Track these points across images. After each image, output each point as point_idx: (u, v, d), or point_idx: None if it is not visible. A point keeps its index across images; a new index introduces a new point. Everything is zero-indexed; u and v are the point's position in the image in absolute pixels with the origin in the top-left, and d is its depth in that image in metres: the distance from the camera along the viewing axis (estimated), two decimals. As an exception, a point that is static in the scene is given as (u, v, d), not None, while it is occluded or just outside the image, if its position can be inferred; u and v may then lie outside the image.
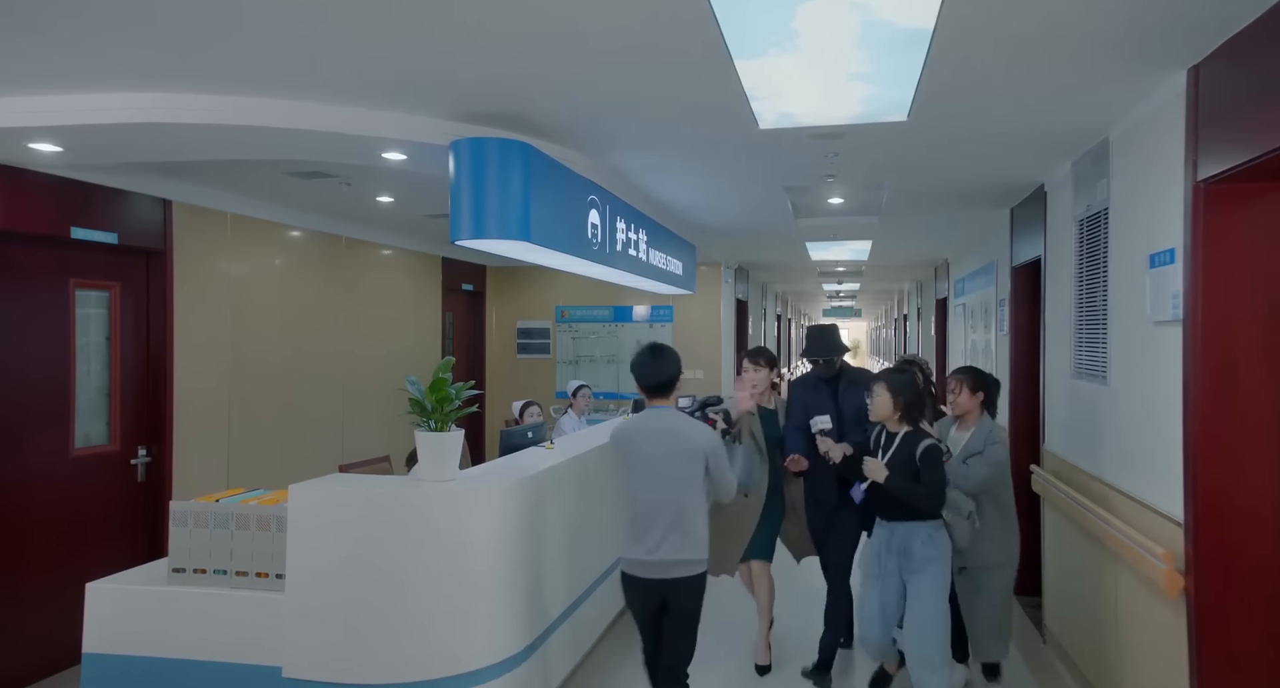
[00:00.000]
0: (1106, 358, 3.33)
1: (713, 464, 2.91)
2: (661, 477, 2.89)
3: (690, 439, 2.90)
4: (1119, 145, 3.24)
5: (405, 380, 2.93)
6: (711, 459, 2.91)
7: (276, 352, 5.21)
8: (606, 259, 4.21)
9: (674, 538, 2.85)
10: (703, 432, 2.94)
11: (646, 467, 2.91)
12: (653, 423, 2.96)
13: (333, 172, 4.18)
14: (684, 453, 2.89)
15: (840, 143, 3.56)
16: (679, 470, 2.88)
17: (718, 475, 2.93)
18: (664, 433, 2.92)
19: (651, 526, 2.86)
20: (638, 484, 2.93)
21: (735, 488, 3.00)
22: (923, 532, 3.19)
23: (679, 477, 2.88)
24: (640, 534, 2.88)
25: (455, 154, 3.10)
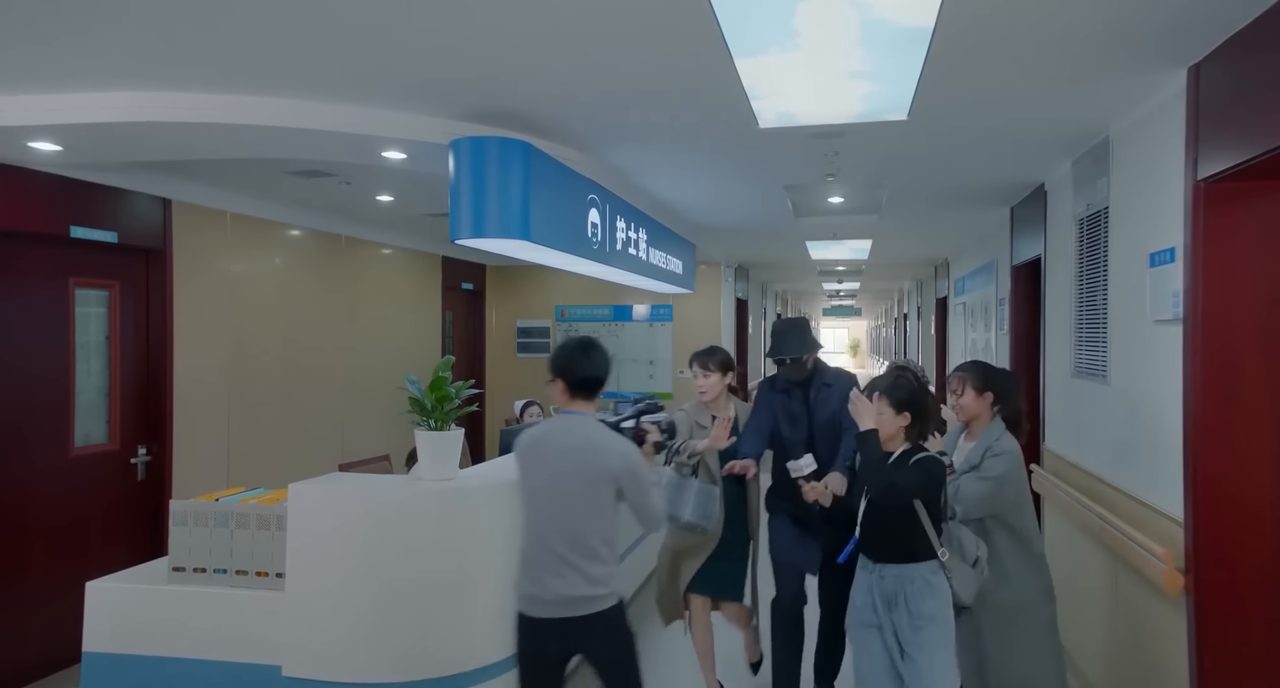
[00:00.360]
0: (1107, 357, 3.33)
1: (628, 490, 2.41)
2: (557, 502, 2.40)
3: (599, 458, 2.38)
4: (1119, 144, 3.24)
5: (405, 379, 2.93)
6: (626, 483, 2.40)
7: (276, 350, 5.21)
8: (606, 258, 4.21)
9: (571, 573, 2.37)
10: (617, 450, 2.41)
11: (541, 488, 2.44)
12: (560, 435, 2.48)
13: (332, 171, 4.17)
14: (590, 475, 2.37)
15: (840, 142, 3.56)
16: (580, 496, 2.38)
17: (636, 503, 2.43)
18: (569, 450, 2.42)
19: (546, 559, 2.39)
20: (529, 509, 2.47)
21: (662, 517, 2.54)
22: (917, 578, 2.54)
23: (580, 503, 2.38)
24: (531, 568, 2.43)
25: (455, 153, 3.10)
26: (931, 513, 2.57)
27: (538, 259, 3.83)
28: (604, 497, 2.40)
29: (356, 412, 5.97)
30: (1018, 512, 2.86)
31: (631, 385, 8.17)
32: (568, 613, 2.37)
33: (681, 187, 4.73)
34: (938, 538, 2.58)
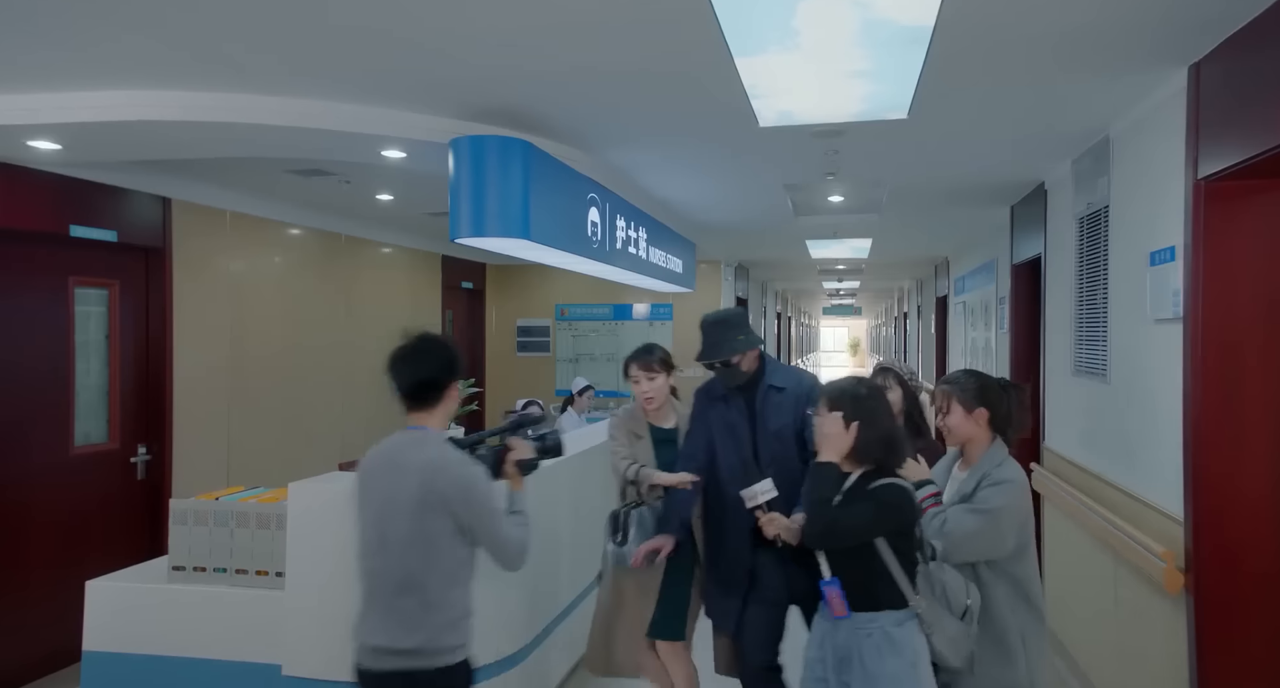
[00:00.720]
0: (1107, 355, 3.33)
1: (466, 520, 2.00)
2: (384, 534, 2.02)
3: (429, 482, 1.98)
4: (1119, 143, 3.24)
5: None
6: (461, 512, 1.99)
7: (276, 349, 5.21)
8: (606, 257, 4.20)
9: (393, 621, 1.99)
10: (449, 472, 2.00)
11: (369, 519, 2.07)
12: (392, 456, 2.08)
13: (332, 170, 4.17)
14: (418, 503, 1.98)
15: (840, 141, 3.56)
16: (409, 528, 1.99)
17: (479, 536, 2.03)
18: (399, 473, 2.02)
19: (376, 604, 2.04)
20: (360, 544, 2.10)
21: (517, 554, 2.10)
22: (877, 631, 2.07)
23: (408, 537, 1.99)
24: (364, 613, 2.07)
25: (455, 152, 3.10)
26: (899, 550, 2.10)
27: (538, 258, 3.83)
28: (437, 529, 1.99)
29: (356, 410, 5.97)
30: (1021, 559, 2.24)
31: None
32: (396, 666, 1.98)
33: (681, 185, 4.73)
34: (910, 582, 2.10)
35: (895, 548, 2.11)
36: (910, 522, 2.15)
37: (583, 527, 3.78)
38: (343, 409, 5.86)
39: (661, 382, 2.96)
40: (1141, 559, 2.77)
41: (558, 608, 3.43)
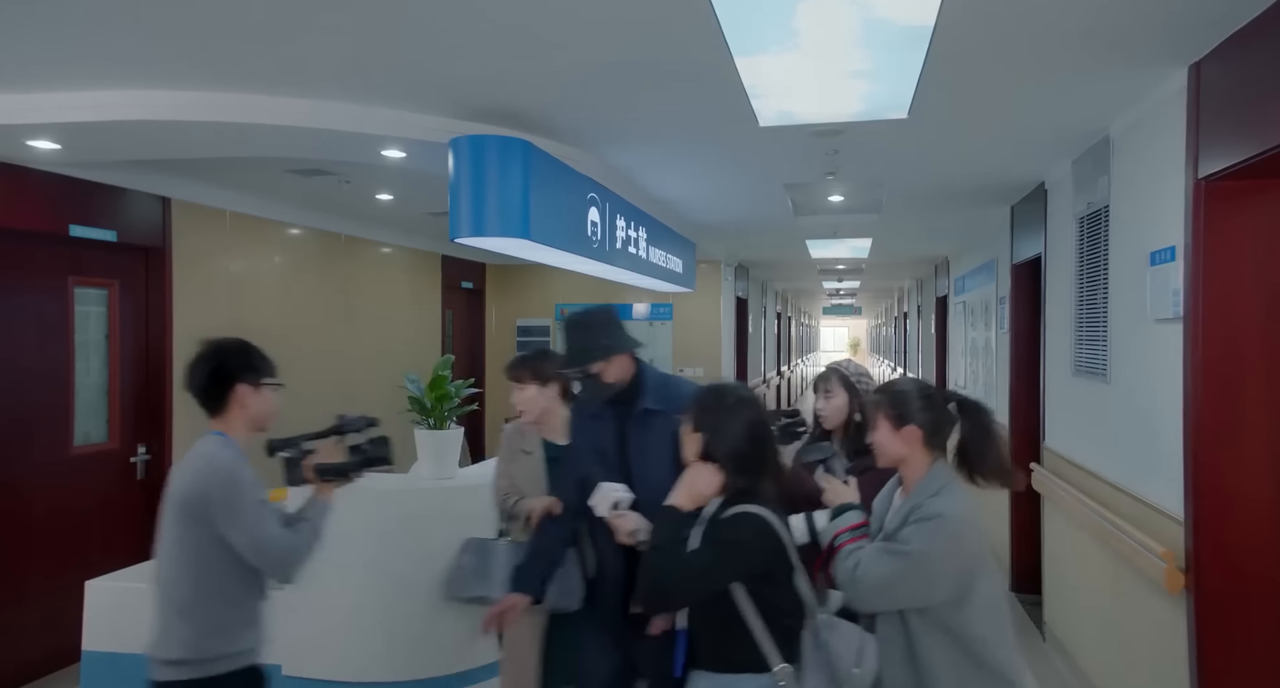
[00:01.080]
0: (1107, 355, 3.33)
1: (219, 524, 1.92)
2: (160, 543, 2.04)
3: (186, 489, 1.97)
4: (1120, 143, 3.24)
5: (405, 378, 2.93)
6: (217, 516, 1.92)
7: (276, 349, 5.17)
8: (606, 257, 4.20)
9: (159, 628, 2.00)
10: (194, 472, 1.98)
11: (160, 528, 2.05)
12: (179, 462, 2.09)
13: (332, 169, 4.17)
14: (179, 509, 1.97)
15: (840, 140, 3.56)
16: (170, 535, 2.00)
17: (238, 539, 1.93)
18: (173, 478, 2.03)
19: (155, 611, 2.03)
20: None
21: (288, 563, 2.01)
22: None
23: (165, 543, 2.01)
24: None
25: (454, 152, 3.09)
26: (763, 599, 1.75)
27: (538, 258, 3.82)
28: (186, 535, 1.96)
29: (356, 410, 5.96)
30: (960, 608, 1.80)
31: (631, 384, 8.16)
32: (168, 677, 1.96)
33: (681, 185, 4.73)
34: (776, 641, 1.75)
35: (758, 597, 1.73)
36: (766, 562, 1.76)
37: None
38: (343, 409, 5.83)
39: (533, 393, 2.61)
40: (1141, 559, 2.77)
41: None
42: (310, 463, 2.17)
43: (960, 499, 1.86)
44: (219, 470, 1.95)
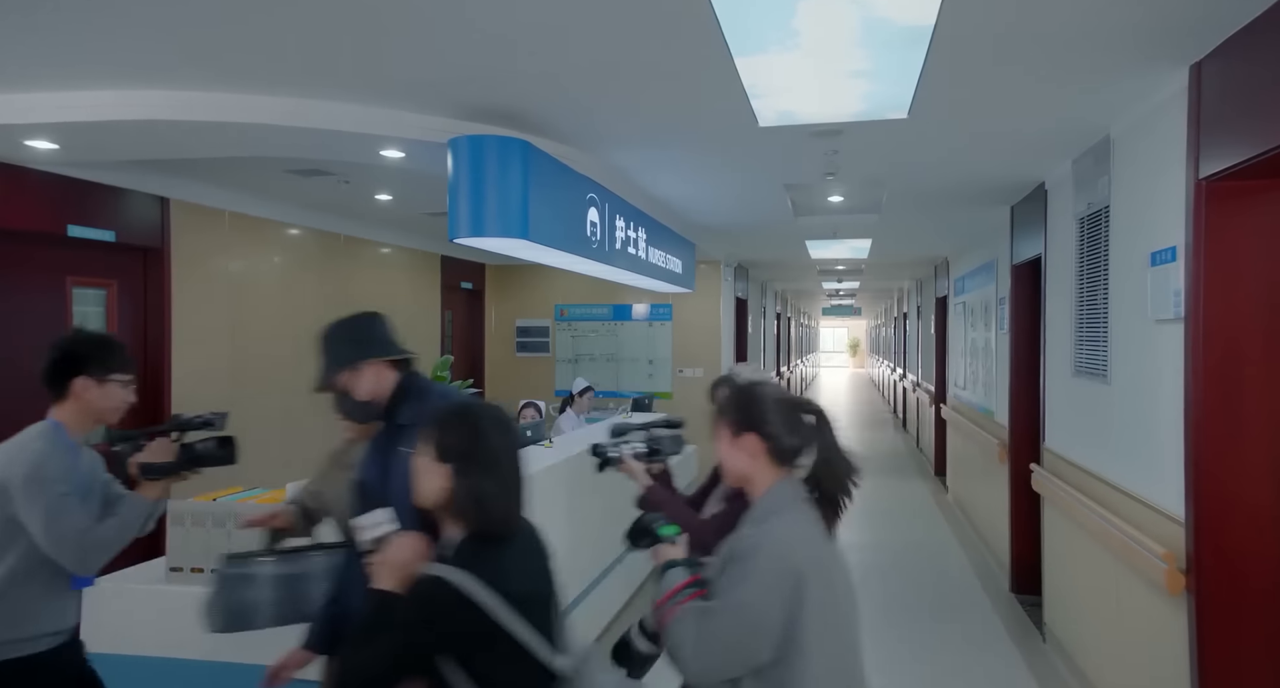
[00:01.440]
0: (1107, 356, 3.32)
1: (21, 509, 1.92)
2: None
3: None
4: (1120, 143, 3.23)
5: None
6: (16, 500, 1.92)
7: (274, 349, 5.20)
8: (606, 257, 4.20)
9: None
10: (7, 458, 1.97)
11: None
12: None
13: (331, 170, 4.16)
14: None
15: (840, 140, 3.55)
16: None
17: (32, 526, 1.92)
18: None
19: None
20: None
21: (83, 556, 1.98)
22: None
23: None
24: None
25: (453, 152, 3.09)
26: (480, 675, 1.44)
27: (537, 258, 3.82)
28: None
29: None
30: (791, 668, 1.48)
31: (631, 385, 8.16)
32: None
33: (681, 186, 4.72)
34: None
35: (474, 672, 1.43)
36: (450, 631, 1.42)
37: (580, 528, 3.78)
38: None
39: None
40: (1142, 560, 2.76)
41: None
42: (134, 460, 2.13)
43: (789, 525, 1.55)
44: (26, 458, 1.95)
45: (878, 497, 8.28)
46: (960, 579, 5.47)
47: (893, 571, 5.67)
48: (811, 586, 1.49)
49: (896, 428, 14.32)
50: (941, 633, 4.47)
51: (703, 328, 8.04)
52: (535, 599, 1.53)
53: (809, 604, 1.48)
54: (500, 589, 1.43)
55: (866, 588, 5.27)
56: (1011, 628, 4.53)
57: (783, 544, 1.52)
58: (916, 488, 8.75)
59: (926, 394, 10.13)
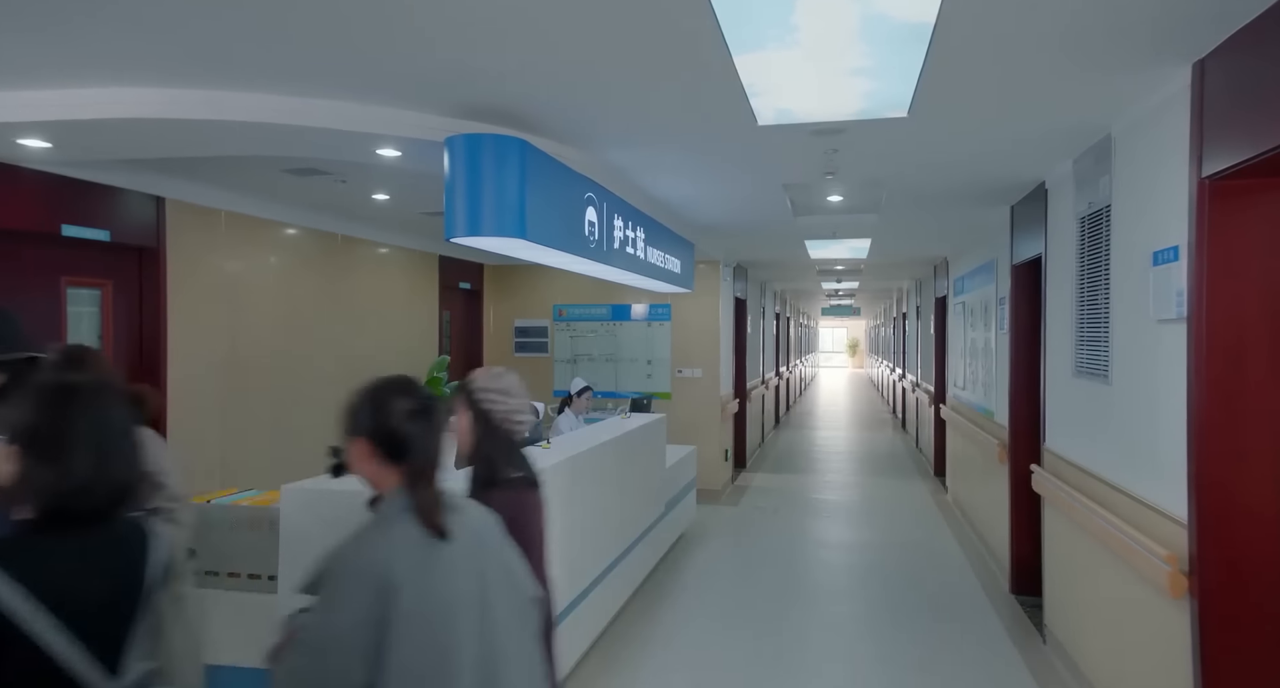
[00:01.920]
0: (1108, 356, 3.30)
1: None
2: None
3: None
4: (1122, 142, 3.21)
5: (399, 379, 2.89)
6: None
7: (271, 350, 5.17)
8: (604, 257, 4.17)
9: None
10: None
11: None
12: None
13: (328, 169, 4.14)
14: None
15: (840, 139, 3.53)
16: None
17: None
18: None
19: None
20: None
21: None
22: None
23: None
24: None
25: (450, 150, 3.06)
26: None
27: (534, 258, 3.79)
28: None
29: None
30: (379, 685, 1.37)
31: (630, 385, 8.14)
32: None
33: (680, 185, 4.70)
34: None
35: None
36: None
37: (579, 528, 3.76)
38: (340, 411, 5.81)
39: None
40: (1144, 562, 2.74)
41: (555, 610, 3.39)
42: None
43: (384, 535, 1.43)
44: None
45: (877, 497, 8.27)
46: (960, 580, 5.45)
47: (893, 571, 5.65)
48: (404, 598, 1.39)
49: (896, 428, 14.30)
50: (941, 633, 4.45)
51: (702, 328, 8.02)
52: (89, 606, 1.31)
53: (398, 620, 1.38)
54: (35, 588, 1.24)
55: (866, 588, 5.25)
56: (1011, 629, 4.51)
57: (369, 557, 1.42)
58: (916, 488, 8.73)
59: (926, 394, 10.11)
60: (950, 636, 4.43)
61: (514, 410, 1.86)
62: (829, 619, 4.72)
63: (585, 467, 3.91)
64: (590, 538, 3.94)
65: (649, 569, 5.32)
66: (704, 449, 7.86)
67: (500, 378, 1.92)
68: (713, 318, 8.01)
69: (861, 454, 11.28)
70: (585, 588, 3.88)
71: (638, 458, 4.98)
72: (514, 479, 1.81)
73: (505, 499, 1.78)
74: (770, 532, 6.77)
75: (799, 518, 7.31)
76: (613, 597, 4.34)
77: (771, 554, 6.06)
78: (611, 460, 4.39)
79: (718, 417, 7.99)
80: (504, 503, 1.76)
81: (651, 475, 5.31)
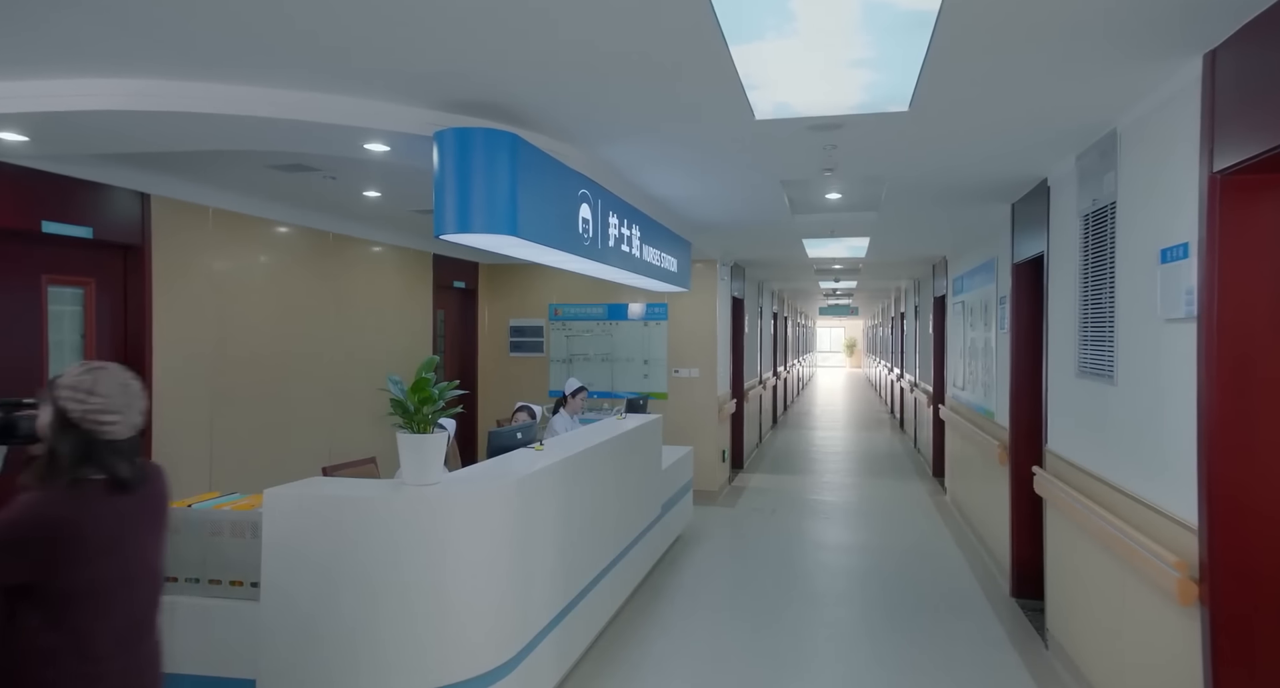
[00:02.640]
0: (1114, 356, 3.23)
1: None
2: None
3: None
4: (1128, 137, 3.14)
5: (387, 379, 2.82)
6: None
7: (260, 351, 5.08)
8: (599, 255, 4.09)
9: None
10: None
11: None
12: None
13: (316, 164, 4.06)
14: None
15: (839, 135, 3.45)
16: None
17: None
18: None
19: None
20: None
21: None
22: None
23: None
24: None
25: (439, 145, 2.98)
26: None
27: (527, 256, 3.71)
28: None
29: (343, 413, 5.85)
30: None
31: (626, 385, 8.06)
32: None
33: (675, 181, 4.62)
34: None
35: None
36: None
37: (572, 532, 3.68)
38: (329, 412, 5.74)
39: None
40: (1152, 568, 2.67)
41: (547, 616, 3.32)
42: None
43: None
44: None
45: (876, 497, 8.20)
46: (959, 582, 5.38)
47: (891, 573, 5.57)
48: None
49: (894, 428, 14.24)
50: (941, 637, 4.38)
51: (698, 328, 7.94)
52: None
53: None
54: None
55: (865, 591, 5.18)
56: (1013, 633, 4.44)
57: None
58: (914, 489, 8.67)
59: (924, 395, 10.05)
60: (950, 639, 4.36)
61: (95, 410, 1.76)
62: (827, 622, 4.65)
63: (578, 469, 3.83)
64: (585, 541, 3.87)
65: (646, 571, 5.24)
66: (701, 450, 7.79)
67: (88, 376, 1.79)
68: (709, 317, 7.94)
69: (859, 454, 11.21)
70: (582, 590, 3.80)
71: (633, 460, 4.90)
72: (85, 481, 1.73)
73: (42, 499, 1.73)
74: (768, 533, 6.70)
75: (797, 519, 7.24)
76: (610, 599, 4.26)
77: (769, 556, 5.99)
78: (606, 462, 4.32)
79: (715, 417, 7.91)
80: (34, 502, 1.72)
81: (647, 477, 5.24)
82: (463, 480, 2.96)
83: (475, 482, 2.96)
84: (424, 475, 2.76)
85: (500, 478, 3.02)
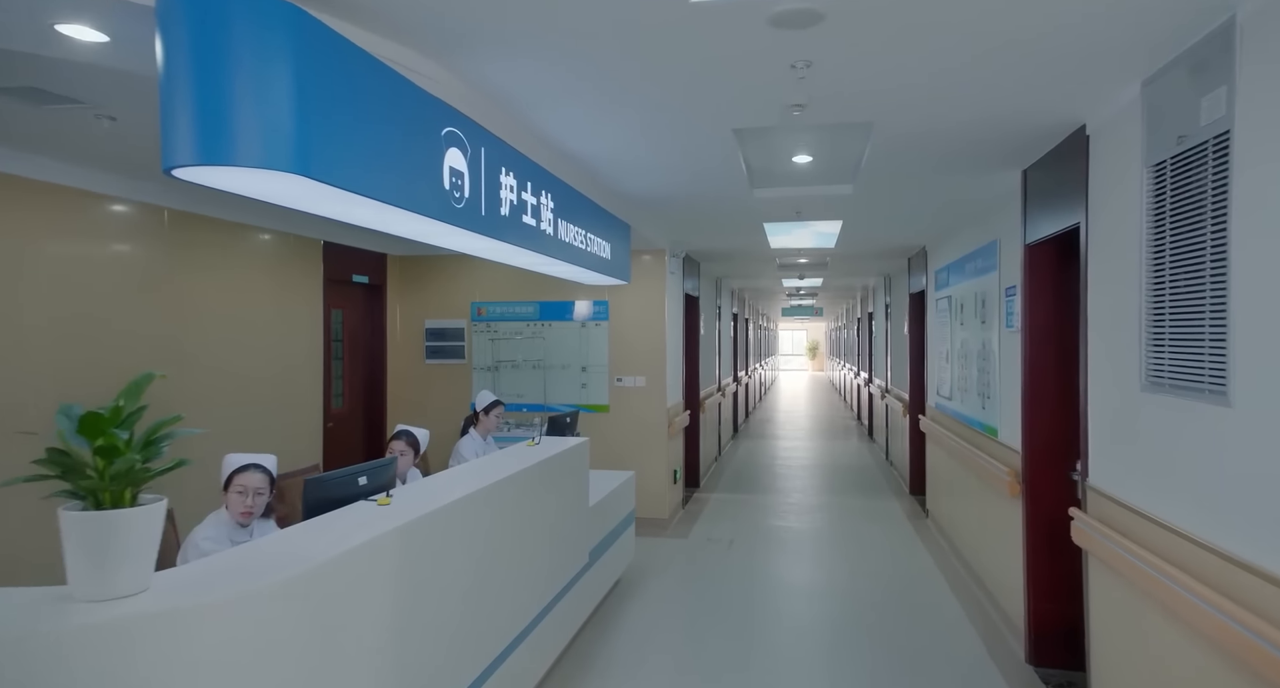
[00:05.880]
0: (1228, 362, 2.17)
1: None
2: None
3: None
4: (1252, 29, 2.09)
5: (57, 414, 1.63)
6: None
7: (53, 377, 3.81)
8: (483, 226, 2.93)
9: None
10: None
11: None
12: None
13: (73, 95, 2.82)
14: None
15: (817, 38, 2.36)
16: None
17: None
18: None
19: None
20: None
21: None
22: None
23: None
24: None
25: (163, 22, 1.80)
26: None
27: (345, 216, 2.50)
28: None
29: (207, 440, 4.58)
30: None
31: (561, 396, 6.91)
32: None
33: (591, 128, 3.49)
34: None
35: None
36: None
37: (443, 620, 2.51)
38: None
39: None
40: (1269, 662, 1.60)
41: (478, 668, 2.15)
42: None
43: None
44: None
45: (848, 521, 7.14)
46: (959, 642, 4.33)
47: (873, 625, 4.49)
48: None
49: (862, 437, 13.28)
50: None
51: (645, 329, 6.82)
52: None
53: None
54: None
55: (842, 652, 4.07)
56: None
57: None
58: (891, 509, 7.65)
59: (899, 402, 9.06)
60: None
61: None
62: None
63: (451, 525, 2.68)
64: (467, 624, 2.72)
65: (572, 634, 4.11)
66: (647, 471, 6.68)
67: None
68: (658, 317, 6.82)
69: (827, 467, 10.19)
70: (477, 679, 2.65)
71: (546, 501, 3.75)
72: None
73: None
74: (723, 573, 5.59)
75: (759, 552, 6.15)
76: (519, 680, 3.12)
77: (724, 605, 4.87)
78: (503, 510, 3.16)
79: (664, 433, 6.80)
80: None
81: (569, 520, 4.09)
82: (193, 583, 1.78)
83: (213, 588, 1.77)
84: (107, 582, 1.57)
85: (267, 575, 1.85)
